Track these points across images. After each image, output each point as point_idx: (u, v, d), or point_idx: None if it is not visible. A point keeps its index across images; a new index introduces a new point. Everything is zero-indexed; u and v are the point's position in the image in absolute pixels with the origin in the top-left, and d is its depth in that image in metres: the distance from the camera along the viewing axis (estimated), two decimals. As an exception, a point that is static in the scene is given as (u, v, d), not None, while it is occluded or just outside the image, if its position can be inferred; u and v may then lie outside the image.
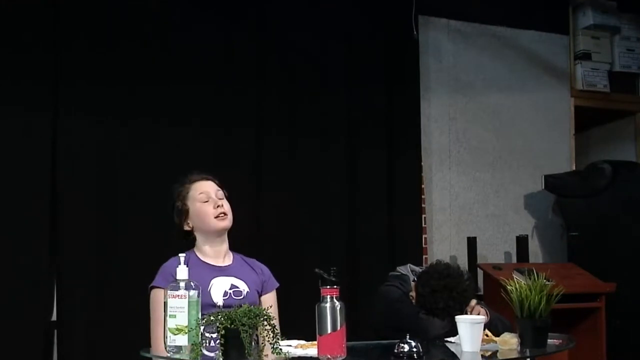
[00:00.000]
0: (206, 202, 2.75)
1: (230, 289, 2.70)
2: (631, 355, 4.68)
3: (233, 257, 2.83)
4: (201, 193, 2.76)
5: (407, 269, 3.36)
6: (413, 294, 3.17)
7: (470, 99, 5.12)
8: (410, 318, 3.03)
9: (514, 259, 4.97)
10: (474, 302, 3.07)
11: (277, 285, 2.89)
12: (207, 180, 2.82)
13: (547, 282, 2.47)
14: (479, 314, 2.97)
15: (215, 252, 2.78)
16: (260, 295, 2.81)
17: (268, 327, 2.17)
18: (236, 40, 4.32)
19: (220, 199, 2.78)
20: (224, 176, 2.93)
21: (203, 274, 2.66)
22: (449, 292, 2.97)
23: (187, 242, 2.81)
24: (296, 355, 2.31)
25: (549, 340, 2.48)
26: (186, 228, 2.79)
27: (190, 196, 2.77)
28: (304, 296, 2.72)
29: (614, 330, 4.64)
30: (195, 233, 2.79)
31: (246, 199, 3.97)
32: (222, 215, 2.74)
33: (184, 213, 2.77)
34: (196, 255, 2.77)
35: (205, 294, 2.59)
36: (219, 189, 2.82)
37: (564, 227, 5.25)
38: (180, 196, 2.80)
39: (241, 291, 2.71)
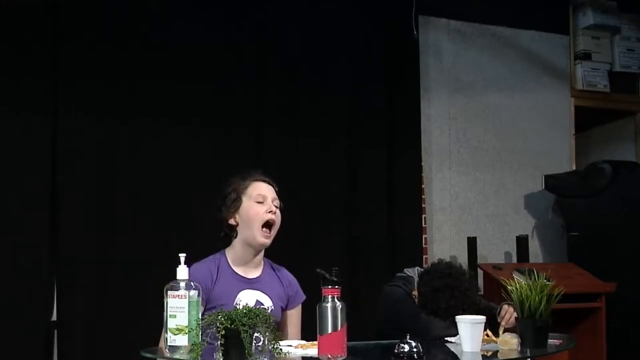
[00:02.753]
0: (261, 202, 2.72)
1: (255, 305, 2.65)
2: (631, 355, 4.68)
3: (263, 266, 2.80)
4: (259, 194, 2.73)
5: (414, 271, 3.34)
6: (415, 293, 3.17)
7: (470, 99, 5.12)
8: (411, 318, 3.03)
9: (514, 259, 4.97)
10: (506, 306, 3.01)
11: (304, 298, 2.86)
12: (268, 185, 2.78)
13: (547, 282, 2.47)
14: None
15: (247, 259, 2.75)
16: (285, 309, 2.80)
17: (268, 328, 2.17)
18: (236, 40, 4.32)
19: (275, 206, 2.74)
20: (224, 176, 2.92)
21: (231, 285, 2.67)
22: (450, 291, 2.96)
23: (223, 240, 2.78)
24: (296, 355, 2.31)
25: (549, 340, 2.48)
26: (231, 221, 2.74)
27: (247, 192, 2.74)
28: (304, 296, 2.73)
29: (614, 330, 4.64)
30: (237, 230, 2.74)
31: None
32: (266, 230, 2.70)
33: (236, 205, 2.73)
34: (227, 261, 2.74)
35: (230, 307, 2.57)
36: (276, 198, 2.77)
37: (564, 227, 5.25)
38: (238, 188, 2.75)
39: (265, 308, 2.67)
